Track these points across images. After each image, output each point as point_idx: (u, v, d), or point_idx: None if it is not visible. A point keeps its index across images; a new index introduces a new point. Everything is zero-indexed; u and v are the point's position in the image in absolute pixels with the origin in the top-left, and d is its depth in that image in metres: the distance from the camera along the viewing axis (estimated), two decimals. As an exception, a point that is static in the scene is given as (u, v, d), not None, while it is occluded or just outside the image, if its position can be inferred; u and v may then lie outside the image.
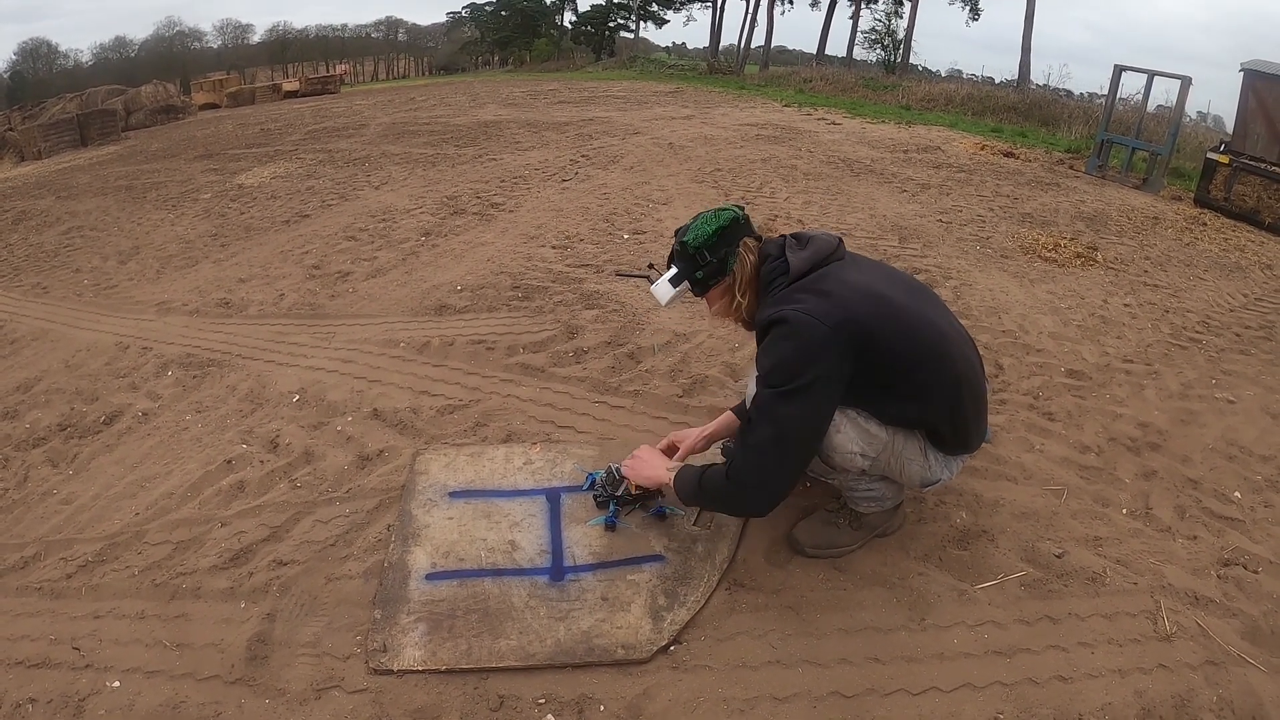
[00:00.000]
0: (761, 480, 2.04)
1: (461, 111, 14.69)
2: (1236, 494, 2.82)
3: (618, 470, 2.60)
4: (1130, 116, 10.96)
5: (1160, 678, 2.03)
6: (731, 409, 2.65)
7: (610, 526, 2.52)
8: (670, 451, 2.56)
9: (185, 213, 7.38)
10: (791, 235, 2.25)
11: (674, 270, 2.28)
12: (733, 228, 2.20)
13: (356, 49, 61.92)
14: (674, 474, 2.30)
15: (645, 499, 2.59)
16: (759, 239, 2.26)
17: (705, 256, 2.20)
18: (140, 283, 5.37)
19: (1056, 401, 3.41)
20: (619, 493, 2.57)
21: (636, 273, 2.75)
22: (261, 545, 2.57)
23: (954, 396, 2.13)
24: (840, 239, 2.25)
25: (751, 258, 2.21)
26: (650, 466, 2.43)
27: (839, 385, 2.02)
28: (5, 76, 54.72)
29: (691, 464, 2.33)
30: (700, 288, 2.27)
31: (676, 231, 2.30)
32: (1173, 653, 2.11)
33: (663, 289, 2.31)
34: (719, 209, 2.25)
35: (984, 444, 2.54)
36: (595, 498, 2.63)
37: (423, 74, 52.31)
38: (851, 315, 1.99)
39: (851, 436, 2.12)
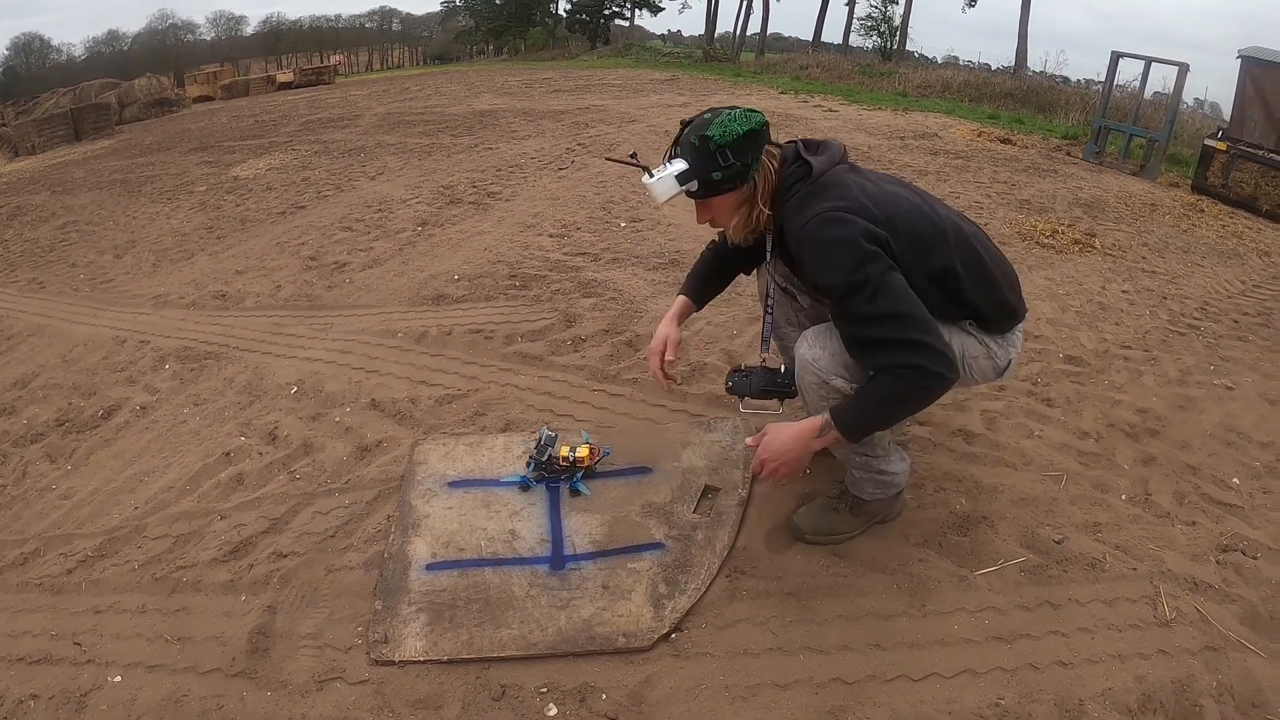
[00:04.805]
0: (921, 348, 1.87)
1: (457, 101, 14.62)
2: (1235, 480, 2.82)
3: (548, 437, 2.74)
4: (1128, 103, 10.90)
5: (1160, 663, 2.04)
6: (681, 292, 2.54)
7: (525, 487, 2.63)
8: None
9: (180, 206, 7.36)
10: (801, 140, 2.16)
11: (684, 166, 2.04)
12: (762, 133, 2.06)
13: (351, 39, 61.77)
14: (827, 428, 2.00)
15: (570, 471, 2.68)
16: (779, 146, 2.15)
17: (727, 157, 2.01)
18: (136, 276, 5.35)
19: (1055, 388, 3.41)
20: (544, 459, 2.66)
21: (629, 161, 2.29)
22: (261, 537, 2.57)
23: (981, 269, 2.09)
24: (845, 146, 2.18)
25: (775, 166, 2.09)
26: (797, 444, 2.07)
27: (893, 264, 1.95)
28: (-2, 72, 54.53)
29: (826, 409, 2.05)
30: (710, 190, 2.08)
31: (685, 123, 2.10)
32: (1172, 638, 2.11)
33: (665, 184, 2.05)
34: (748, 110, 2.07)
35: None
36: (529, 457, 2.73)
37: (417, 64, 52.08)
38: (875, 206, 1.97)
39: None
